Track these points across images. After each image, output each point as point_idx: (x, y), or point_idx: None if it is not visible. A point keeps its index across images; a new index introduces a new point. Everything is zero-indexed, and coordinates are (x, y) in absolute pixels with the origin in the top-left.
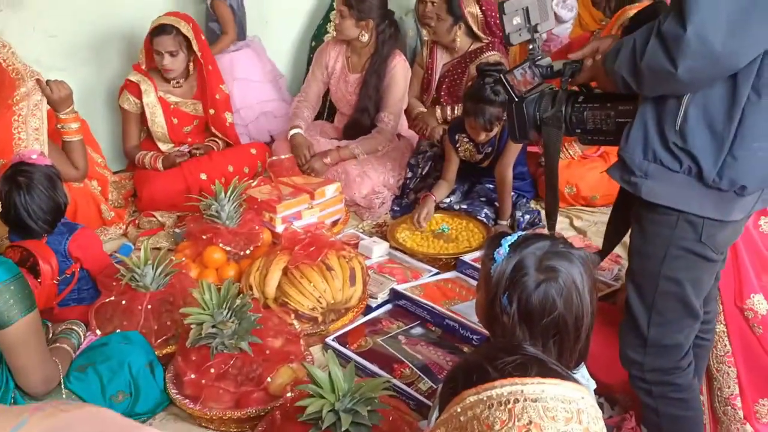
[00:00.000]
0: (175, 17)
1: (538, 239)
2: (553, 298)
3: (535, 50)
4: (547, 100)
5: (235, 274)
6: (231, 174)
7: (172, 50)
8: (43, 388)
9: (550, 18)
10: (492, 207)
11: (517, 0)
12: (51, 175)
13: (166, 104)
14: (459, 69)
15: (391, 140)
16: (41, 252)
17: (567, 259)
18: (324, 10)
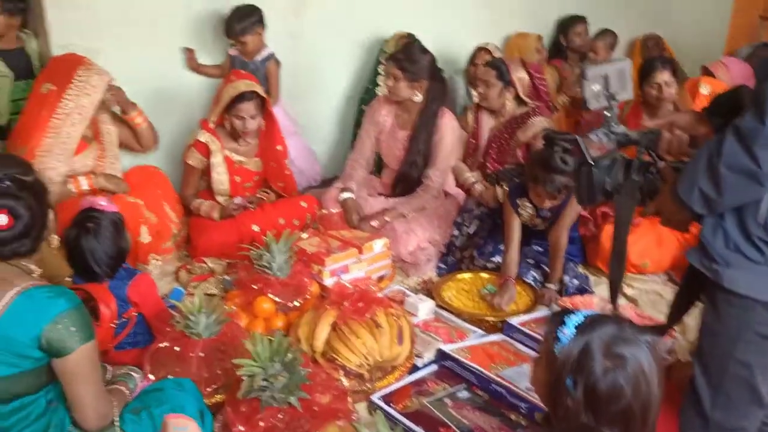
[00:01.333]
0: (249, 81)
1: (604, 322)
2: (621, 386)
3: (611, 118)
4: (620, 168)
5: (283, 325)
6: (282, 226)
7: (254, 114)
8: (97, 423)
9: (628, 89)
10: (539, 269)
11: (600, 68)
12: (117, 222)
13: (230, 162)
14: (506, 134)
15: (438, 197)
16: (102, 296)
17: (635, 345)
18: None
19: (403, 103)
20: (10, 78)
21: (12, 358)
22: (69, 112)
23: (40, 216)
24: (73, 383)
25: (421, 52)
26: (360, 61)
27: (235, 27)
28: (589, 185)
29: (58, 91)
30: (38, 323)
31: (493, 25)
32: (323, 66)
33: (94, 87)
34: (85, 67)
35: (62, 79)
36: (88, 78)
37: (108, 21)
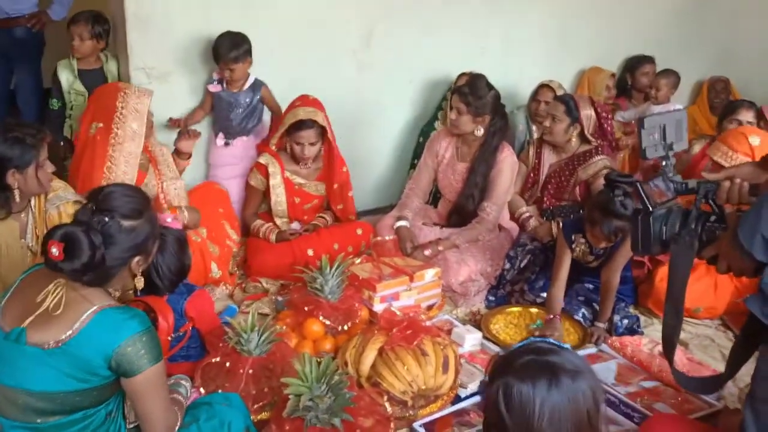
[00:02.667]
0: (313, 108)
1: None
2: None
3: (667, 167)
4: (676, 217)
5: (331, 348)
6: (336, 251)
7: (313, 141)
8: None
9: (684, 138)
10: (590, 307)
11: (657, 117)
12: (181, 239)
13: (290, 185)
14: (567, 171)
15: (492, 230)
16: (162, 309)
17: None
18: (434, 105)
19: (464, 136)
20: (85, 96)
21: (82, 374)
22: (121, 141)
23: (114, 259)
24: (142, 400)
25: (486, 88)
26: (423, 94)
27: (229, 54)
28: (645, 234)
29: (105, 127)
30: (110, 344)
31: (560, 61)
32: (387, 99)
33: (138, 110)
34: (123, 93)
35: (106, 113)
36: (128, 101)
37: (180, 45)
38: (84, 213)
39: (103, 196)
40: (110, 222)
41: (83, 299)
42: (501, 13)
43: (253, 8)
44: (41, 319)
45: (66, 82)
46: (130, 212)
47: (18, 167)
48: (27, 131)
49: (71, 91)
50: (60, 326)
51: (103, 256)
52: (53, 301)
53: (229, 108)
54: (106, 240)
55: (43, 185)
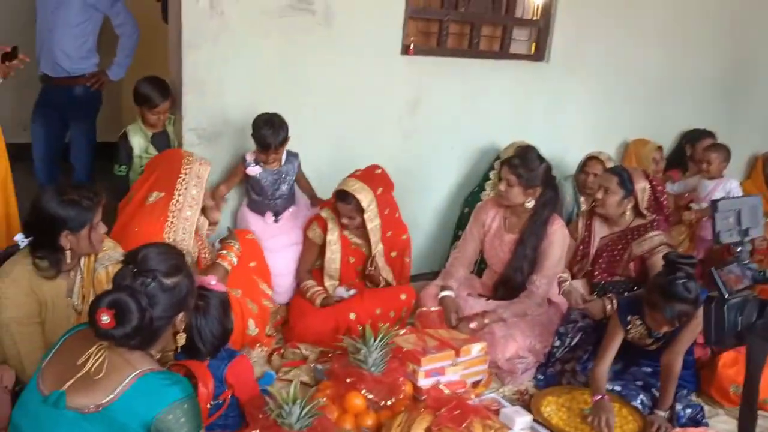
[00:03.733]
0: (362, 184)
1: None
2: None
3: (743, 253)
4: (753, 307)
5: (373, 424)
6: (378, 317)
7: (351, 215)
8: None
9: (760, 225)
10: (648, 393)
11: (731, 202)
12: (225, 302)
13: (346, 243)
14: (620, 245)
15: (541, 305)
16: (202, 374)
17: None
18: (479, 173)
19: (513, 207)
20: None
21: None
22: (180, 208)
23: (160, 318)
24: None
25: (537, 160)
26: (469, 162)
27: (277, 140)
28: (719, 325)
29: (166, 196)
30: (150, 411)
31: (608, 132)
32: (432, 166)
33: (199, 176)
34: (186, 160)
35: (169, 179)
36: (191, 168)
37: (229, 110)
38: (124, 276)
39: (142, 258)
40: (153, 282)
41: (126, 363)
42: (547, 81)
43: (299, 77)
44: (82, 382)
45: (139, 147)
46: (170, 269)
47: (72, 229)
48: (83, 193)
49: (143, 156)
50: (101, 390)
51: (152, 317)
52: (95, 365)
53: (274, 186)
54: (151, 300)
55: (94, 246)
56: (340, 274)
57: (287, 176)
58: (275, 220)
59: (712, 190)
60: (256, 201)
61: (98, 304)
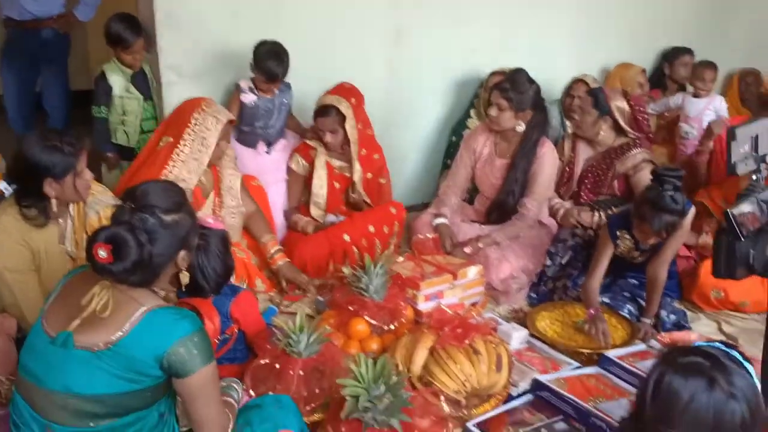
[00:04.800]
0: (338, 96)
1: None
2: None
3: (759, 183)
4: (766, 239)
5: (378, 348)
6: (372, 234)
7: (331, 129)
8: None
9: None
10: (635, 303)
11: (750, 127)
12: (225, 240)
13: (330, 168)
14: (604, 164)
15: (532, 227)
16: (207, 311)
17: None
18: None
19: (503, 132)
20: (140, 100)
21: (133, 375)
22: (185, 159)
23: (160, 255)
24: (194, 402)
25: (527, 82)
26: (454, 92)
27: (279, 70)
28: (730, 257)
29: (173, 143)
30: (162, 345)
31: (590, 55)
32: (417, 96)
33: (210, 130)
34: (200, 110)
35: (178, 129)
36: (203, 121)
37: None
38: (123, 213)
39: (140, 193)
40: (152, 218)
41: (132, 300)
42: (531, 8)
43: (281, 10)
44: (88, 321)
45: (119, 87)
46: (170, 206)
47: (55, 176)
48: (65, 140)
49: (123, 96)
50: (109, 328)
51: (151, 253)
52: (100, 303)
53: (268, 115)
54: (151, 237)
55: (80, 194)
56: (326, 202)
57: (282, 106)
58: (267, 151)
59: (703, 109)
60: (245, 132)
61: (95, 239)
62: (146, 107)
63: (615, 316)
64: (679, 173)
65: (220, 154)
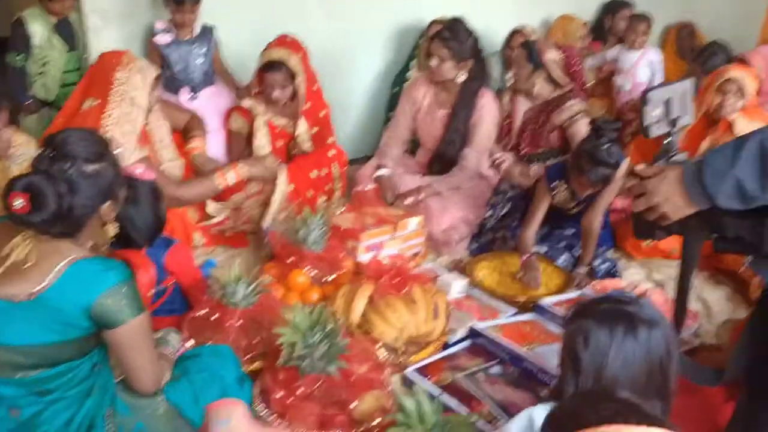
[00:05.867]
0: (286, 49)
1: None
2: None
3: (671, 144)
4: None
5: (318, 299)
6: (314, 180)
7: (281, 84)
8: (154, 387)
9: (690, 112)
10: (570, 253)
11: (663, 90)
12: (155, 190)
13: (272, 127)
14: (541, 117)
15: (473, 177)
16: (141, 263)
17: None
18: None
19: (444, 83)
20: (62, 50)
21: (59, 327)
22: (116, 122)
23: (82, 206)
24: (126, 353)
25: (466, 32)
26: (395, 43)
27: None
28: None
29: (101, 105)
30: (89, 296)
31: (531, 6)
32: (357, 47)
33: (138, 89)
34: (122, 67)
35: (102, 89)
36: (129, 79)
37: None
38: (42, 161)
39: (60, 142)
40: (72, 168)
41: (55, 251)
42: None
43: None
44: (10, 272)
45: (39, 36)
46: (90, 155)
47: None
48: None
49: (44, 46)
50: (31, 279)
51: (71, 204)
52: (22, 254)
53: (187, 57)
54: (71, 187)
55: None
56: None
57: (202, 49)
58: (192, 96)
59: (636, 62)
60: (168, 78)
61: (12, 187)
62: (69, 58)
63: (551, 266)
64: (616, 125)
65: (151, 108)
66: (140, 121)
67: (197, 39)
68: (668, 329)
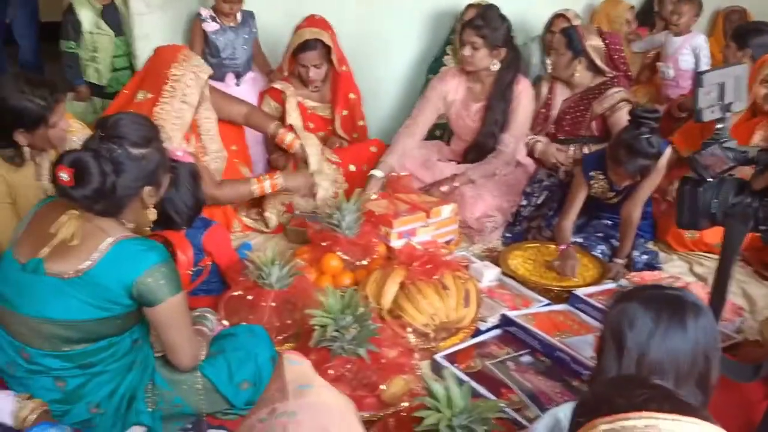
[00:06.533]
0: (318, 28)
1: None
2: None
3: (723, 131)
4: (730, 188)
5: (350, 283)
6: (353, 173)
7: (317, 63)
8: (190, 363)
9: (743, 97)
10: (608, 244)
11: (717, 73)
12: (195, 173)
13: (303, 108)
14: (581, 105)
15: (509, 164)
16: (180, 243)
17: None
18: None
19: (477, 74)
20: (111, 36)
21: (103, 303)
22: (165, 117)
23: (124, 187)
24: (165, 330)
25: (500, 18)
26: (429, 27)
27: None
28: (693, 206)
29: (153, 98)
30: (130, 275)
31: None
32: (392, 33)
33: (189, 87)
34: (178, 64)
35: (156, 83)
36: (183, 77)
37: None
38: (93, 141)
39: (112, 124)
40: (119, 149)
41: (99, 230)
42: None
43: None
44: (58, 249)
45: (88, 22)
46: (139, 140)
47: (26, 128)
48: (38, 92)
49: (93, 32)
50: (78, 256)
51: (114, 183)
52: (68, 232)
53: (234, 44)
54: (116, 167)
55: (53, 143)
56: None
57: (247, 35)
58: (237, 83)
59: (679, 47)
60: (213, 65)
61: (60, 161)
62: (118, 44)
63: (587, 256)
64: (656, 114)
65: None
66: (188, 118)
67: (240, 25)
68: (713, 320)
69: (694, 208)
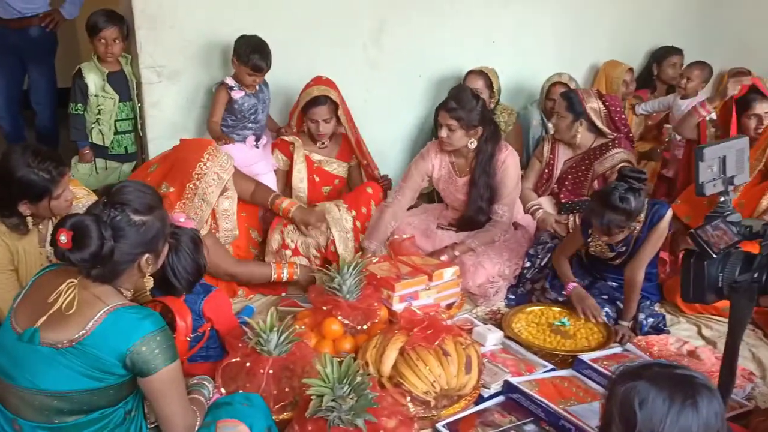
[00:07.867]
0: (325, 86)
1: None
2: None
3: (726, 204)
4: (735, 262)
5: (351, 348)
6: (353, 218)
7: (326, 118)
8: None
9: (745, 170)
10: (613, 306)
11: (718, 147)
12: (196, 239)
13: (310, 162)
14: (583, 166)
15: (507, 231)
16: (179, 309)
17: None
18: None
19: (457, 151)
20: (115, 99)
21: (97, 373)
22: (188, 209)
23: (122, 253)
24: (159, 400)
25: (473, 99)
26: (434, 91)
27: (264, 63)
28: (698, 280)
29: (175, 193)
30: (124, 344)
31: (573, 56)
32: (397, 96)
33: (211, 187)
34: (204, 163)
35: (181, 180)
36: (206, 176)
37: (189, 43)
38: (96, 206)
39: (116, 190)
40: (120, 215)
41: (96, 298)
42: (514, 5)
43: (261, 4)
44: (54, 318)
45: (94, 86)
46: (141, 207)
47: (30, 199)
48: (44, 165)
49: (99, 95)
50: (73, 325)
51: (112, 248)
52: (66, 301)
53: (255, 109)
54: (116, 233)
55: (55, 213)
56: (307, 195)
57: (265, 100)
58: (256, 144)
59: (686, 109)
60: (233, 127)
61: (61, 224)
62: (122, 107)
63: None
64: (642, 175)
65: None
66: (206, 215)
67: (259, 91)
68: (722, 403)
69: (700, 282)
